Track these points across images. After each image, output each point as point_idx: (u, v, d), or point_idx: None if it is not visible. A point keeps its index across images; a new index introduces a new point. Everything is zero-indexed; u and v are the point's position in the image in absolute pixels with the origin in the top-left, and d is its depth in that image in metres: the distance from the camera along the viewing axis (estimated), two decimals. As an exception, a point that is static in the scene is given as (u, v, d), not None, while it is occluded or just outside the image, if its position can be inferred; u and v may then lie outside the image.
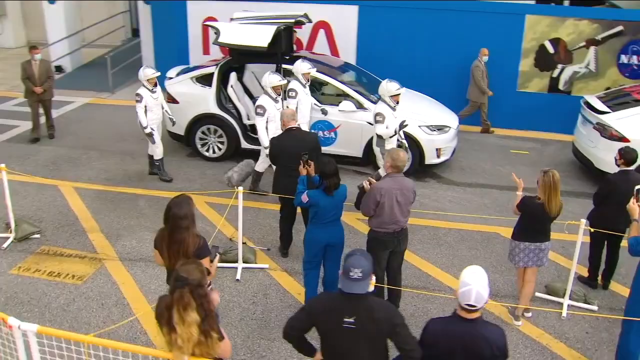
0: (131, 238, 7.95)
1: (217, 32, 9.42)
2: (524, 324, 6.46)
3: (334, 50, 12.78)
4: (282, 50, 9.99)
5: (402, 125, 8.39)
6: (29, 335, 4.01)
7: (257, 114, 8.52)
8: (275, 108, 8.60)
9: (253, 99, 10.40)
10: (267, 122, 8.50)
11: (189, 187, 9.41)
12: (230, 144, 10.33)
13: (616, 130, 9.32)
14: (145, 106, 9.12)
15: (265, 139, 8.40)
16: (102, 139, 11.60)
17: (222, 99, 10.29)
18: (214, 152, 10.49)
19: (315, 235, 6.20)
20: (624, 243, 6.92)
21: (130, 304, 6.59)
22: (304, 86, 9.19)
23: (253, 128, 10.47)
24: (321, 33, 12.75)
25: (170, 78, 10.65)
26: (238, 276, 7.14)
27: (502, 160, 11.08)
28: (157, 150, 9.54)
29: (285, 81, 8.84)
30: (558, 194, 6.00)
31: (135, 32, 18.43)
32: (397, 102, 8.36)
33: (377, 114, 8.33)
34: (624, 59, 11.90)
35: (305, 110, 9.23)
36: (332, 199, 6.00)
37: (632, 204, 5.55)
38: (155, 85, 9.25)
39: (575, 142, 10.54)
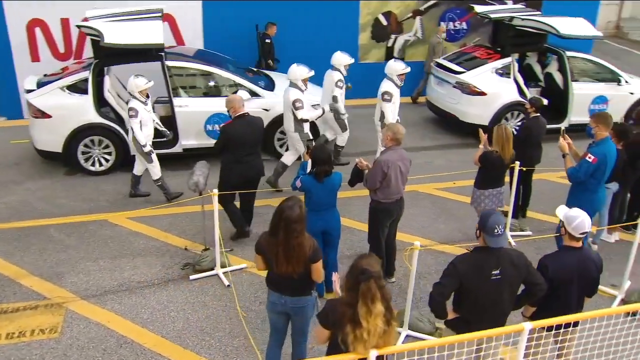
0: (76, 273, 6.98)
1: (100, 34, 8.46)
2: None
3: (180, 42, 12.29)
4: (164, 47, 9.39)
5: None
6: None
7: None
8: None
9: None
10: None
11: (100, 207, 8.49)
12: (119, 153, 9.46)
13: (475, 86, 10.82)
14: (140, 121, 8.05)
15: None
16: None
17: (102, 105, 9.34)
18: (100, 164, 9.49)
19: (312, 223, 6.18)
20: (534, 176, 8.37)
21: (136, 340, 5.91)
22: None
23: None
24: (165, 26, 12.10)
25: (31, 90, 9.25)
26: (226, 282, 6.82)
27: (359, 126, 11.84)
28: (155, 169, 8.49)
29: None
30: (510, 144, 6.98)
31: None
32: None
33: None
34: (443, 25, 13.61)
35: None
36: (323, 186, 6.09)
37: (562, 142, 6.73)
38: (147, 96, 8.26)
39: (432, 101, 11.91)
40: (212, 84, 9.96)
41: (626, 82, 11.46)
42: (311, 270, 4.65)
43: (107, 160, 9.48)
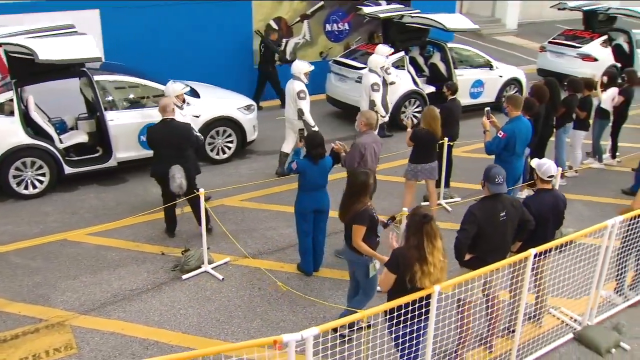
0: (61, 292, 6.89)
1: (32, 51, 8.21)
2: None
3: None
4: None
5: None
6: None
7: None
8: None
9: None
10: None
11: (51, 228, 8.29)
12: (53, 173, 9.20)
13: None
14: None
15: None
16: None
17: (31, 125, 9.05)
18: (34, 187, 9.15)
19: (304, 202, 6.95)
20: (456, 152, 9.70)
21: (160, 340, 6.12)
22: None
23: (77, 148, 9.66)
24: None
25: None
26: (219, 276, 7.18)
27: (281, 126, 12.65)
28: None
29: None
30: (438, 122, 8.13)
31: None
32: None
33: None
34: (328, 27, 14.70)
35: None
36: (318, 167, 6.82)
37: (484, 120, 8.05)
38: (184, 101, 8.30)
39: (335, 97, 12.92)
40: (141, 94, 9.97)
41: (496, 67, 13.38)
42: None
43: (40, 182, 9.17)
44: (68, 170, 9.31)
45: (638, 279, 6.93)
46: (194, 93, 10.56)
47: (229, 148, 10.61)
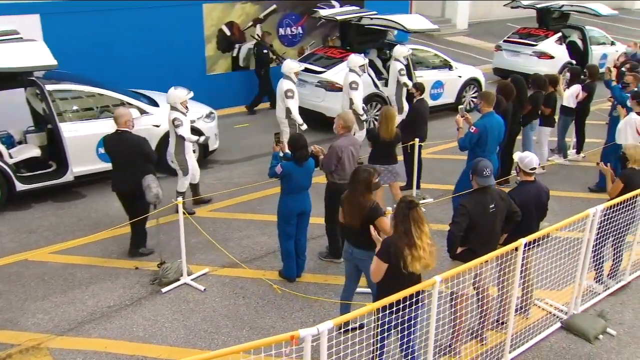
0: (31, 315, 6.93)
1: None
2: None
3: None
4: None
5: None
6: None
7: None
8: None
9: None
10: None
11: (8, 248, 8.25)
12: (3, 190, 9.15)
13: (337, 83, 12.43)
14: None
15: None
16: None
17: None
18: (-16, 207, 9.08)
19: (289, 205, 7.26)
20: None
21: (148, 355, 6.27)
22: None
23: (28, 164, 9.63)
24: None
25: None
26: (201, 287, 7.38)
27: (240, 134, 12.95)
28: (186, 182, 9.10)
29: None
30: (392, 123, 8.53)
31: None
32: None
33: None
34: (281, 31, 15.12)
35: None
36: (303, 169, 7.17)
37: (458, 117, 8.60)
38: (187, 108, 8.84)
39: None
40: (98, 104, 9.99)
41: (455, 67, 14.12)
42: (378, 227, 5.74)
43: (-9, 201, 9.11)
44: (20, 187, 9.27)
45: (616, 267, 7.58)
46: (152, 102, 10.71)
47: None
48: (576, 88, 11.02)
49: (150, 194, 7.47)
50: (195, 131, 10.05)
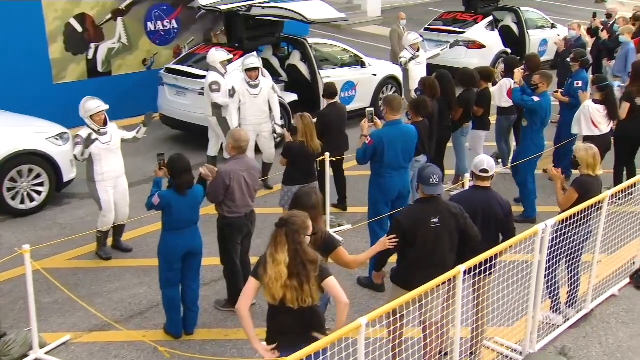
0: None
1: None
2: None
3: None
4: None
5: None
6: None
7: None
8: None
9: None
10: None
11: None
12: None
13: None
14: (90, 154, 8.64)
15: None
16: None
17: None
18: None
19: (172, 244, 7.16)
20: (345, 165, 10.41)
21: None
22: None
23: None
24: None
25: None
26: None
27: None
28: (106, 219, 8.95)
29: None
30: (314, 134, 8.76)
31: None
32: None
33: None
34: (150, 26, 14.96)
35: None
36: (186, 199, 7.08)
37: (364, 123, 8.80)
38: (105, 124, 8.65)
39: (172, 115, 13.17)
40: None
41: (369, 64, 14.45)
42: (336, 262, 6.09)
43: None
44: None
45: (573, 293, 7.93)
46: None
47: (39, 193, 10.45)
48: (504, 82, 11.34)
49: None
50: None
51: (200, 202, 7.26)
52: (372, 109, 9.13)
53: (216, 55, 11.40)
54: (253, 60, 11.28)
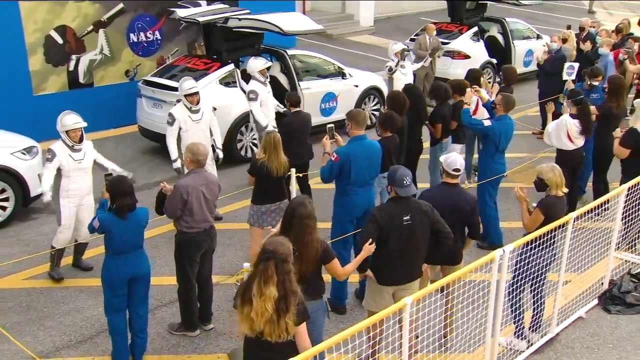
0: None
1: None
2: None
3: None
4: None
5: None
6: None
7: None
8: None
9: None
10: None
11: None
12: None
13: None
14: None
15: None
16: None
17: None
18: None
19: (115, 269, 6.77)
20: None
21: None
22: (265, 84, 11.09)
23: None
24: None
25: None
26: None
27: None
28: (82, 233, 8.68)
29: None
30: (280, 152, 8.28)
31: None
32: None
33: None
34: (133, 37, 14.62)
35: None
36: (127, 223, 6.67)
37: (325, 140, 8.36)
38: (80, 141, 8.38)
39: (149, 128, 12.75)
40: None
41: (350, 75, 14.05)
42: (329, 271, 6.07)
43: None
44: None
45: (538, 317, 7.49)
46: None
47: (4, 209, 10.14)
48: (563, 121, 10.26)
49: None
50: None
51: (144, 225, 6.85)
52: (332, 125, 8.70)
53: (254, 64, 11.21)
54: (191, 83, 10.02)
